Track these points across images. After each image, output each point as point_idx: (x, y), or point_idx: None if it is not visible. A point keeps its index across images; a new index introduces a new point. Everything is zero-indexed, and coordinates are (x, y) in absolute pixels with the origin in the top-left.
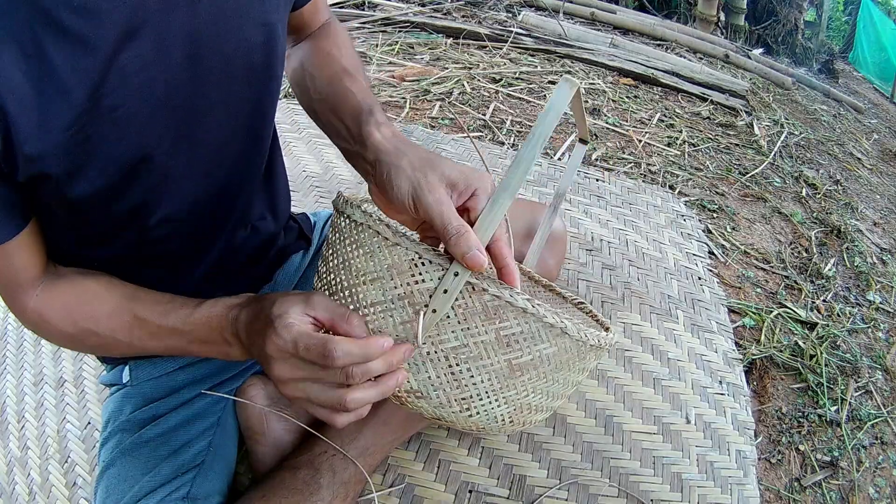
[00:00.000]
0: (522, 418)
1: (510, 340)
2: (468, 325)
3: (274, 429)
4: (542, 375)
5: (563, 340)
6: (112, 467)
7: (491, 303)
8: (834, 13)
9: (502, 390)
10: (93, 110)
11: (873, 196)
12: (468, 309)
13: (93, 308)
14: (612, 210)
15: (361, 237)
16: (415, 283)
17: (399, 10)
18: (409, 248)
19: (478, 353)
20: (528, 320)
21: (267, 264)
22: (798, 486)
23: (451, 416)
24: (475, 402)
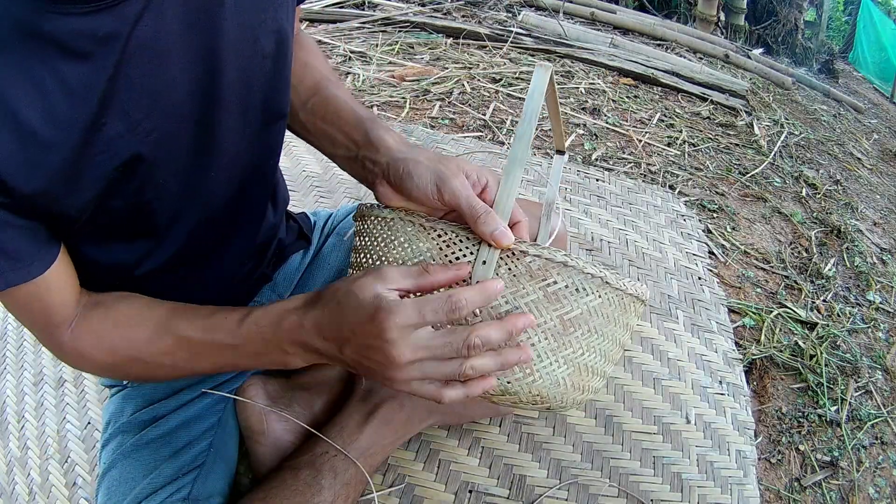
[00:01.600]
0: (581, 382)
1: (558, 296)
2: (516, 287)
3: (274, 428)
4: (594, 330)
5: (605, 291)
6: (113, 469)
7: (533, 263)
8: (834, 13)
9: (560, 349)
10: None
11: (873, 196)
12: (514, 272)
13: (131, 334)
14: (612, 210)
15: (394, 231)
16: (456, 258)
17: (399, 10)
18: (444, 230)
19: (530, 311)
20: (570, 273)
21: (267, 263)
22: (798, 486)
23: (514, 386)
24: (536, 364)
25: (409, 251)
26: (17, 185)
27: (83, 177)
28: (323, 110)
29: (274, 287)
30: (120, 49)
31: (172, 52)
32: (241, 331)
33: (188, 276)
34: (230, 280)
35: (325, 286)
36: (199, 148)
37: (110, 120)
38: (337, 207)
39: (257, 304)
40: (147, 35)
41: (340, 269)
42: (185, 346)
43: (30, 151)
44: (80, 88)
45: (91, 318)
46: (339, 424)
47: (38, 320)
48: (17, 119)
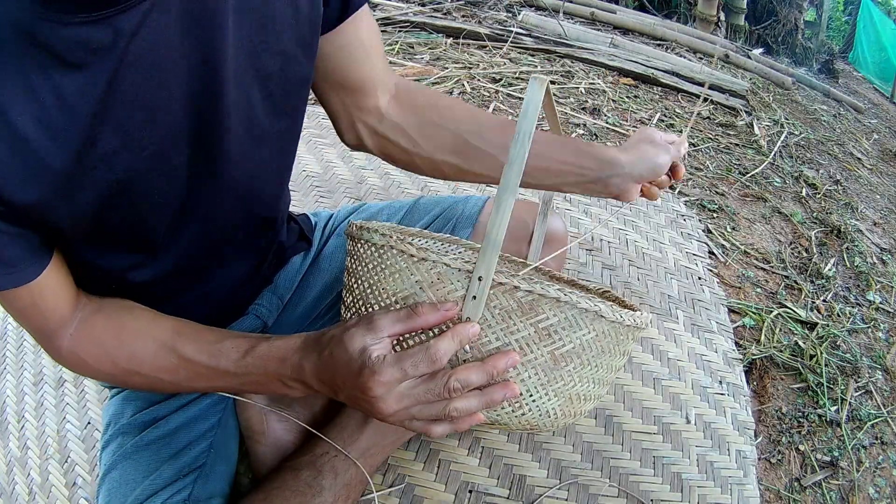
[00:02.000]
0: (573, 409)
1: (550, 331)
2: (506, 323)
3: (274, 429)
4: (587, 362)
5: (599, 324)
6: (113, 471)
7: (524, 298)
8: (834, 13)
9: (550, 383)
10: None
11: (873, 196)
12: (504, 308)
13: (134, 348)
14: (612, 210)
15: (385, 259)
16: (446, 292)
17: (399, 10)
18: (434, 262)
19: (520, 349)
20: (563, 309)
21: (267, 266)
22: (798, 486)
23: (504, 418)
24: (525, 399)
25: (399, 283)
26: (11, 195)
27: (78, 190)
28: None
29: (275, 289)
30: (115, 62)
31: (169, 68)
32: (245, 361)
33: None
34: (230, 284)
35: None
36: (197, 165)
37: (105, 134)
38: (337, 207)
39: (261, 318)
40: (144, 49)
41: (342, 270)
42: (189, 367)
43: (25, 161)
44: (75, 100)
45: (93, 326)
46: (340, 425)
47: (34, 324)
48: (12, 128)
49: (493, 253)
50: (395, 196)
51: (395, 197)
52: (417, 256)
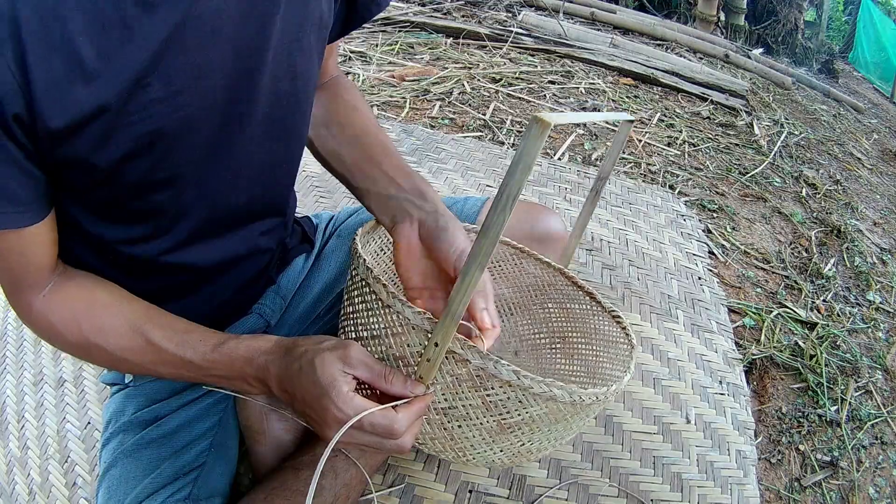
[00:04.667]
0: (522, 459)
1: (497, 404)
2: (456, 389)
3: (274, 428)
4: (537, 430)
5: (553, 404)
6: (113, 468)
7: (475, 372)
8: (834, 13)
9: (495, 443)
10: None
11: (873, 196)
12: (455, 375)
13: (103, 322)
14: (612, 210)
15: (364, 292)
16: (406, 345)
17: (399, 10)
18: (399, 313)
19: (467, 413)
20: (513, 389)
21: (271, 265)
22: (798, 486)
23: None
24: (470, 451)
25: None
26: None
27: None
28: (371, 151)
29: (278, 290)
30: (182, 13)
31: (223, 37)
32: (212, 355)
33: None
34: (234, 284)
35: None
36: (217, 142)
37: (154, 81)
38: (337, 208)
39: (264, 317)
40: (209, 10)
41: (341, 271)
42: (154, 352)
43: (74, 83)
44: (139, 35)
45: (66, 292)
46: None
47: (12, 276)
48: (72, 46)
49: (451, 324)
50: None
51: None
52: (385, 303)
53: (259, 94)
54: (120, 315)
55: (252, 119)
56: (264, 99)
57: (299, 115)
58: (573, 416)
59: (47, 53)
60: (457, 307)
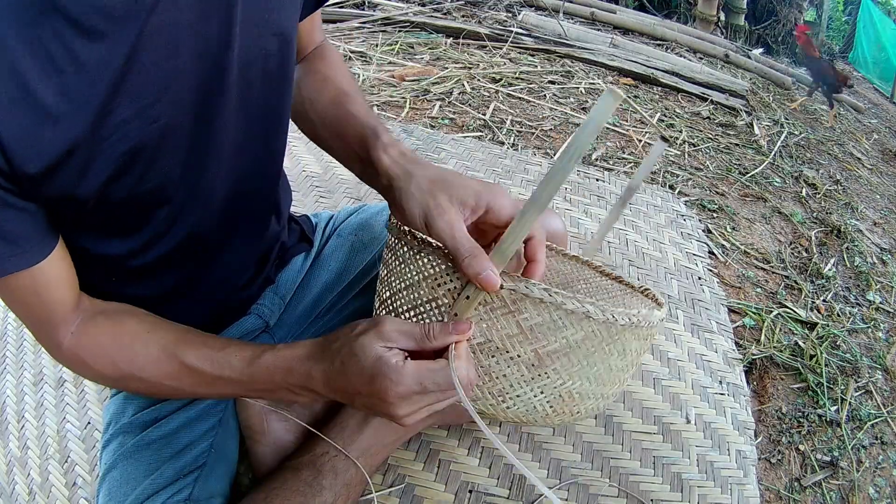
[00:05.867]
0: (566, 407)
1: (534, 330)
2: (491, 320)
3: (274, 428)
4: (576, 361)
5: (589, 325)
6: (114, 470)
7: (509, 296)
8: (834, 13)
9: (535, 380)
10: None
11: (873, 196)
12: (489, 304)
13: (135, 352)
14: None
15: (397, 249)
16: (438, 286)
17: (399, 10)
18: (431, 257)
19: (503, 346)
20: (547, 309)
21: (270, 266)
22: (798, 486)
23: (490, 409)
24: (509, 393)
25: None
26: (26, 165)
27: (92, 161)
28: (338, 127)
29: (276, 289)
30: (136, 32)
31: (185, 42)
32: (249, 370)
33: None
34: (233, 284)
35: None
36: (198, 140)
37: (121, 103)
38: (337, 208)
39: (262, 317)
40: (163, 22)
41: (341, 271)
42: (192, 374)
43: (43, 129)
44: (94, 67)
45: (95, 327)
46: (340, 424)
47: (36, 317)
48: (31, 95)
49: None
50: None
51: None
52: (416, 250)
53: (230, 83)
54: (152, 343)
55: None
56: (236, 88)
57: (274, 94)
58: (609, 346)
59: (10, 106)
60: (507, 246)
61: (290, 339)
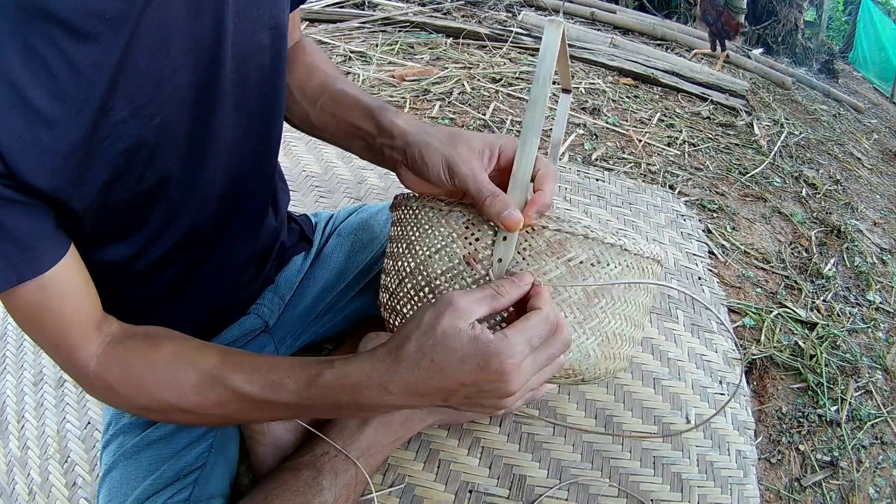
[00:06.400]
0: (611, 350)
1: (581, 269)
2: (538, 264)
3: (274, 428)
4: (616, 298)
5: (624, 258)
6: (114, 470)
7: (553, 237)
8: (834, 13)
9: (586, 320)
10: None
11: (873, 196)
12: (534, 249)
13: (175, 378)
14: (612, 210)
15: (419, 217)
16: (475, 240)
17: (399, 10)
18: (462, 212)
19: (554, 289)
20: (591, 245)
21: (269, 265)
22: (798, 486)
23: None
24: None
25: (431, 238)
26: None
27: (90, 164)
28: (333, 107)
29: (276, 289)
30: (129, 32)
31: (178, 39)
32: (309, 392)
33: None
34: (233, 283)
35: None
36: (196, 136)
37: (116, 103)
38: (337, 207)
39: (262, 317)
40: (155, 20)
41: (341, 271)
42: (240, 400)
43: (39, 135)
44: (89, 70)
45: (125, 351)
46: (340, 424)
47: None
48: (26, 101)
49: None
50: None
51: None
52: (446, 210)
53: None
54: (191, 368)
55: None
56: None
57: (269, 86)
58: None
59: (5, 116)
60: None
61: (289, 339)
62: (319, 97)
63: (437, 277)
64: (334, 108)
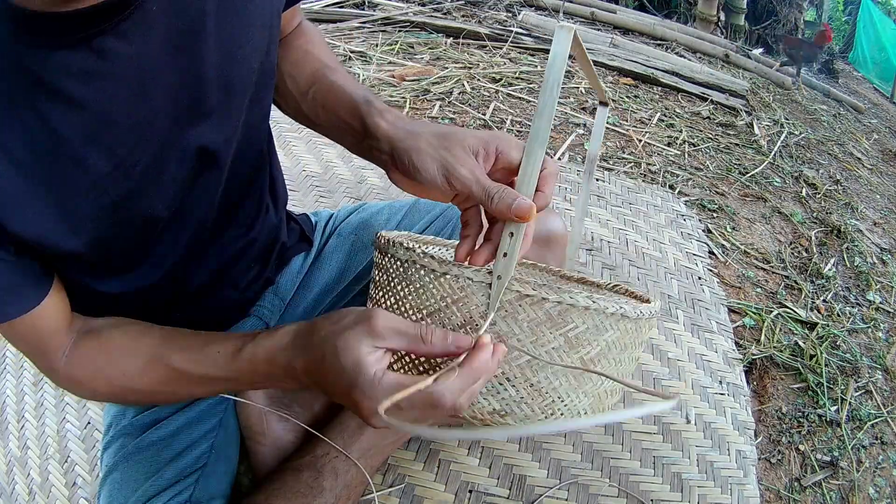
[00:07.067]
0: (601, 405)
1: (579, 339)
2: (536, 335)
3: (274, 429)
4: (613, 360)
5: (623, 323)
6: (115, 472)
7: (553, 309)
8: (834, 13)
9: (580, 386)
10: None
11: (873, 196)
12: (533, 320)
13: (125, 366)
14: (612, 210)
15: (409, 274)
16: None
17: (399, 10)
18: (456, 276)
19: (551, 358)
20: (591, 316)
21: (270, 265)
22: (798, 486)
23: (540, 429)
24: (558, 405)
25: (424, 298)
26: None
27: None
28: (323, 99)
29: (276, 290)
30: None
31: (156, 84)
32: (234, 365)
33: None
34: (234, 285)
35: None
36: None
37: (95, 158)
38: (337, 207)
39: (263, 319)
40: (130, 69)
41: (341, 271)
42: (180, 377)
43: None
44: (62, 127)
45: (85, 347)
46: (340, 425)
47: (32, 348)
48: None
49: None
50: (396, 196)
51: (395, 197)
52: (439, 271)
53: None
54: (138, 353)
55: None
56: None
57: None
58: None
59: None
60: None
61: None
62: (310, 88)
63: None
64: (325, 101)
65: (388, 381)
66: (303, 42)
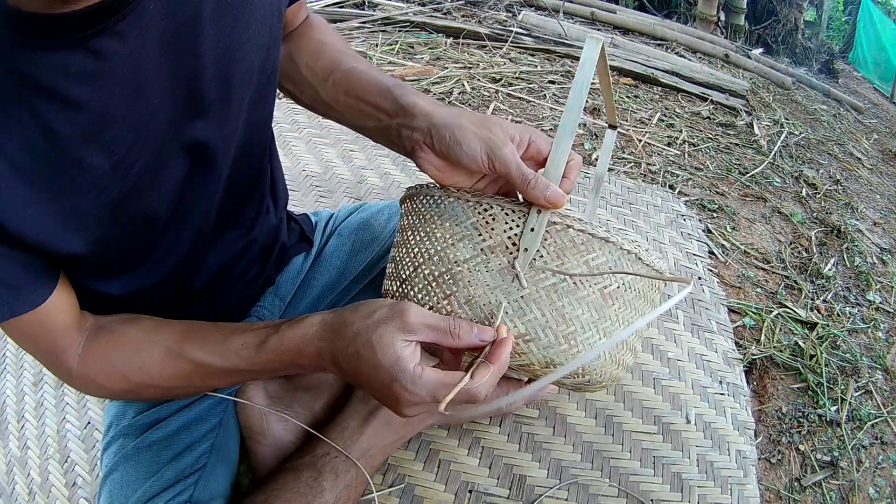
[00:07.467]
0: (618, 355)
1: (599, 269)
2: (561, 260)
3: (274, 429)
4: (627, 305)
5: (638, 267)
6: (115, 472)
7: (577, 237)
8: (834, 13)
9: (600, 321)
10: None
11: (873, 196)
12: (559, 245)
13: (141, 360)
14: (612, 210)
15: (443, 208)
16: (502, 231)
17: (399, 10)
18: (491, 204)
19: (573, 286)
20: (610, 249)
21: (270, 265)
22: (798, 486)
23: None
24: (579, 335)
25: (455, 228)
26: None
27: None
28: (346, 84)
29: (276, 290)
30: (98, 86)
31: (153, 83)
32: (258, 357)
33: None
34: (235, 285)
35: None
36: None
37: (93, 158)
38: (337, 207)
39: (263, 319)
40: (126, 69)
41: (341, 271)
42: (201, 370)
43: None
44: (60, 127)
45: (98, 344)
46: (340, 425)
47: (42, 348)
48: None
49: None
50: (396, 196)
51: (395, 197)
52: (473, 201)
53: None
54: (155, 347)
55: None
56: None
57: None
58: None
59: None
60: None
61: None
62: (330, 74)
63: (460, 264)
64: (347, 85)
65: (429, 376)
66: (315, 33)
